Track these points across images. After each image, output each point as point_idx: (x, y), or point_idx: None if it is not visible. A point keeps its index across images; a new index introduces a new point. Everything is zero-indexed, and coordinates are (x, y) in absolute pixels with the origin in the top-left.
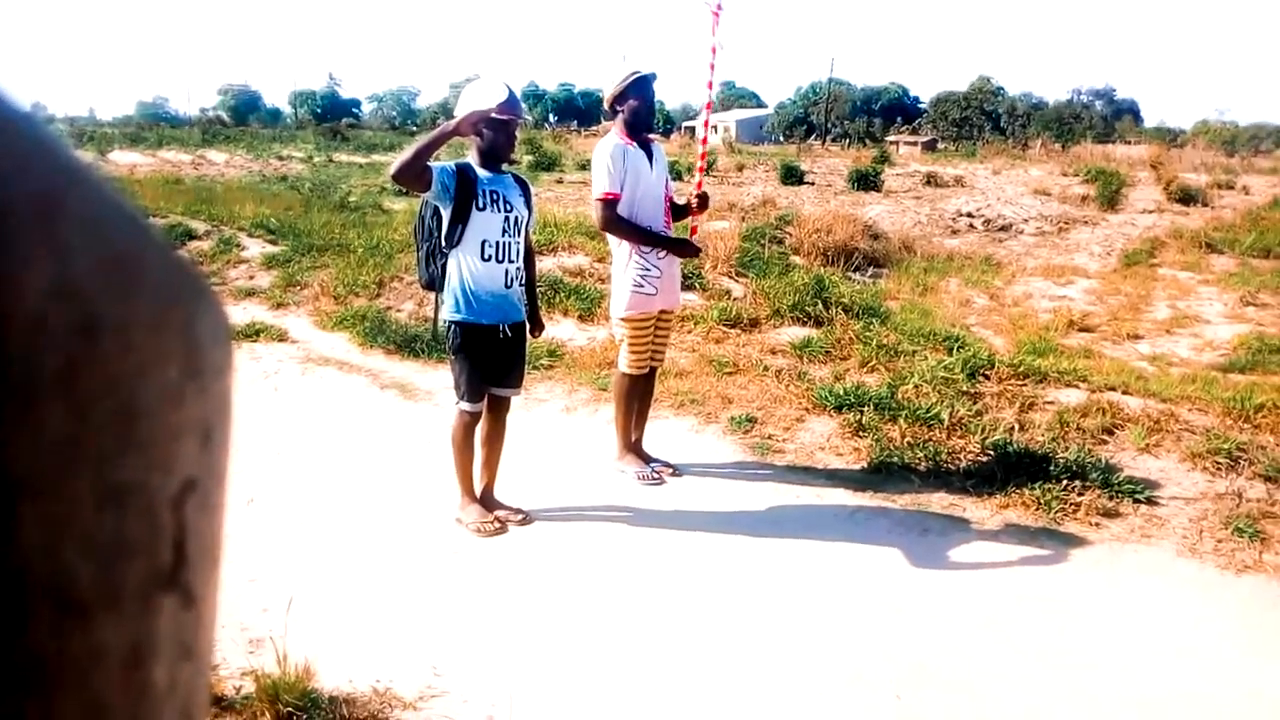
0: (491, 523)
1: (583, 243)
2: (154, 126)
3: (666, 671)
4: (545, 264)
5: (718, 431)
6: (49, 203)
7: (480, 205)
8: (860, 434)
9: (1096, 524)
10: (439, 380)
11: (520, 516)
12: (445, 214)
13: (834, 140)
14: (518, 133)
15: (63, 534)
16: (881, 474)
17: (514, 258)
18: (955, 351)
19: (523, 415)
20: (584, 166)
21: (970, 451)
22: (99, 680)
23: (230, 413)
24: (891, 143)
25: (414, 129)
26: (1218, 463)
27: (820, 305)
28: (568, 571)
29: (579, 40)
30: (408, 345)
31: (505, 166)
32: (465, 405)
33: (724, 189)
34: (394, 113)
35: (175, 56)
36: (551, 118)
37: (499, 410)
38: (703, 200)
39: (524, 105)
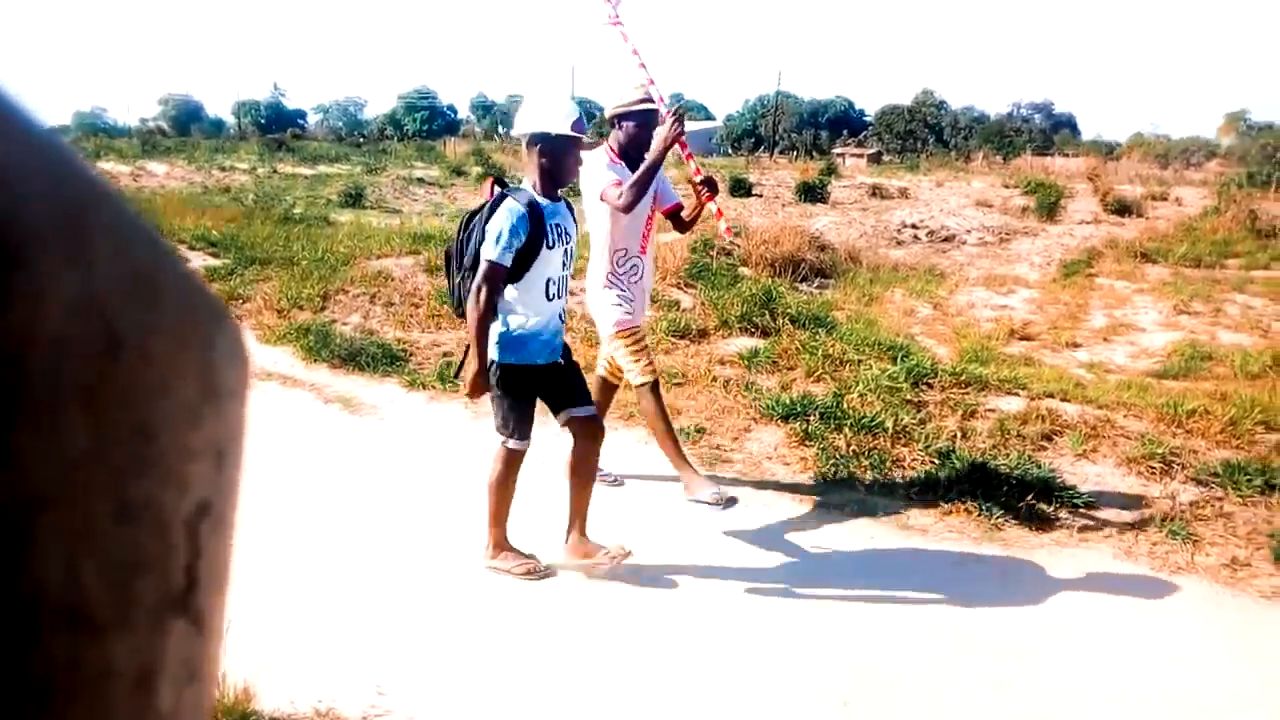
0: (535, 567)
1: None
2: (91, 137)
3: (602, 682)
4: None
5: None
6: (74, 222)
7: (550, 243)
8: (807, 443)
9: (1037, 529)
10: (384, 394)
11: (625, 552)
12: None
13: (782, 152)
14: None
15: (79, 550)
16: (827, 482)
17: (566, 292)
18: (899, 361)
19: (469, 427)
20: None
21: (914, 459)
22: (108, 699)
23: (244, 435)
24: (838, 155)
25: (361, 139)
26: (1152, 467)
27: (768, 316)
28: (509, 585)
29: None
30: (353, 359)
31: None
32: (514, 443)
33: None
34: (340, 123)
35: (114, 65)
36: (501, 129)
37: (590, 435)
38: (709, 183)
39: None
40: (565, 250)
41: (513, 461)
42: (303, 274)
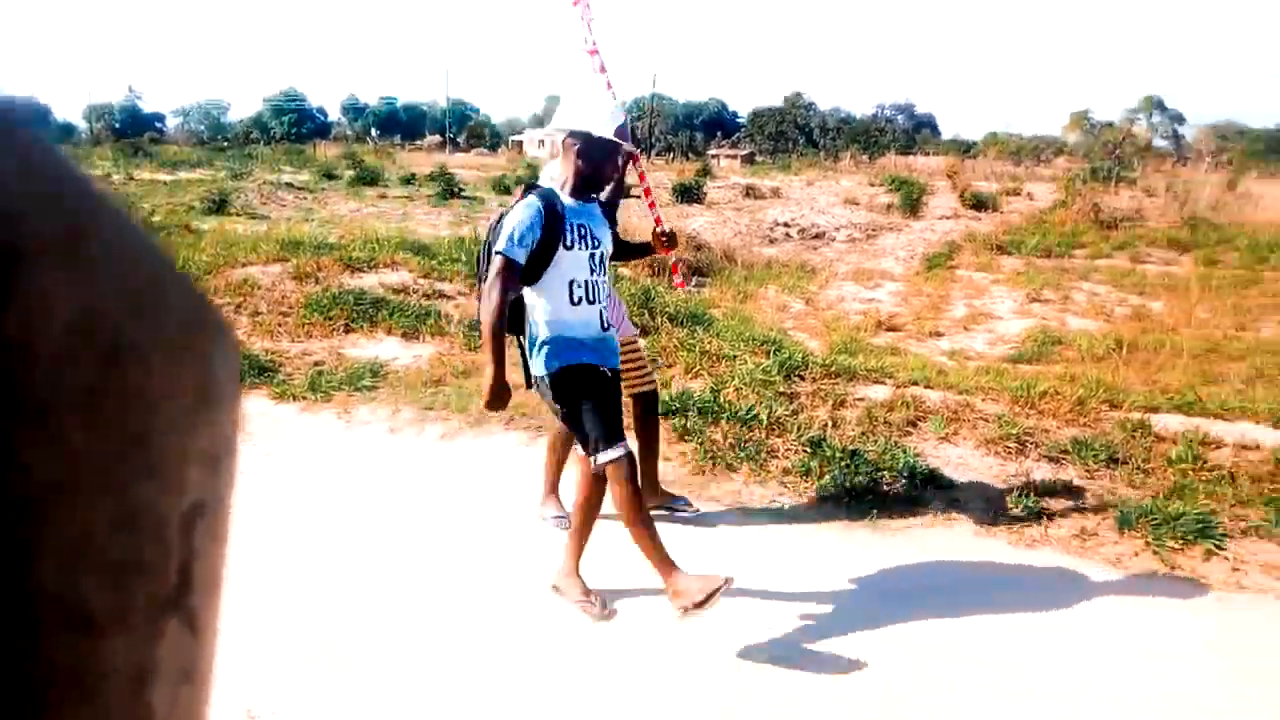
0: (592, 610)
1: (406, 259)
2: None
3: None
4: (366, 281)
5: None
6: (75, 231)
7: (568, 243)
8: (685, 438)
9: (904, 511)
10: (253, 407)
11: (728, 580)
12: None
13: (658, 154)
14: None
15: (78, 553)
16: (705, 475)
17: (603, 298)
18: (773, 354)
19: (344, 437)
20: (408, 181)
21: (788, 449)
22: (105, 700)
23: (237, 443)
24: (713, 156)
25: (225, 144)
26: (1008, 447)
27: (647, 315)
28: (398, 591)
29: (400, 52)
30: None
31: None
32: (609, 454)
33: None
34: (202, 127)
35: None
36: (374, 131)
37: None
38: (670, 237)
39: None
40: (592, 254)
41: (627, 475)
42: None
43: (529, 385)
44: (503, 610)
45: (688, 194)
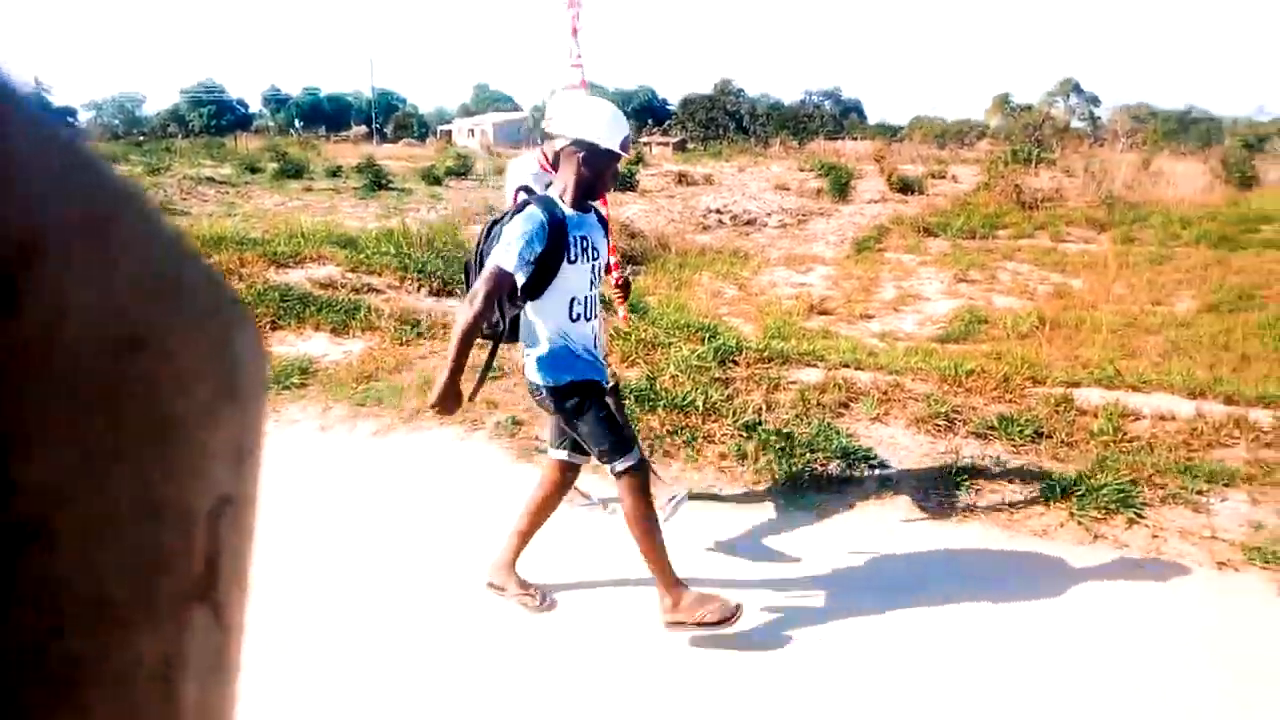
0: (541, 600)
1: (333, 253)
2: None
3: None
4: (293, 276)
5: (484, 437)
6: (96, 221)
7: (571, 257)
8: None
9: (838, 491)
10: None
11: (738, 607)
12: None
13: None
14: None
15: (101, 545)
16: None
17: (596, 313)
18: (708, 341)
19: (273, 436)
20: (334, 173)
21: (724, 434)
22: (132, 690)
23: (263, 433)
24: (644, 144)
25: (141, 138)
26: (937, 425)
27: None
28: (330, 591)
29: (323, 41)
30: None
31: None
32: (623, 462)
33: (483, 193)
34: (116, 121)
35: None
36: (297, 123)
37: (559, 483)
38: (625, 286)
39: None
40: (592, 266)
41: (638, 485)
42: None
43: (472, 399)
44: (441, 608)
45: (620, 181)
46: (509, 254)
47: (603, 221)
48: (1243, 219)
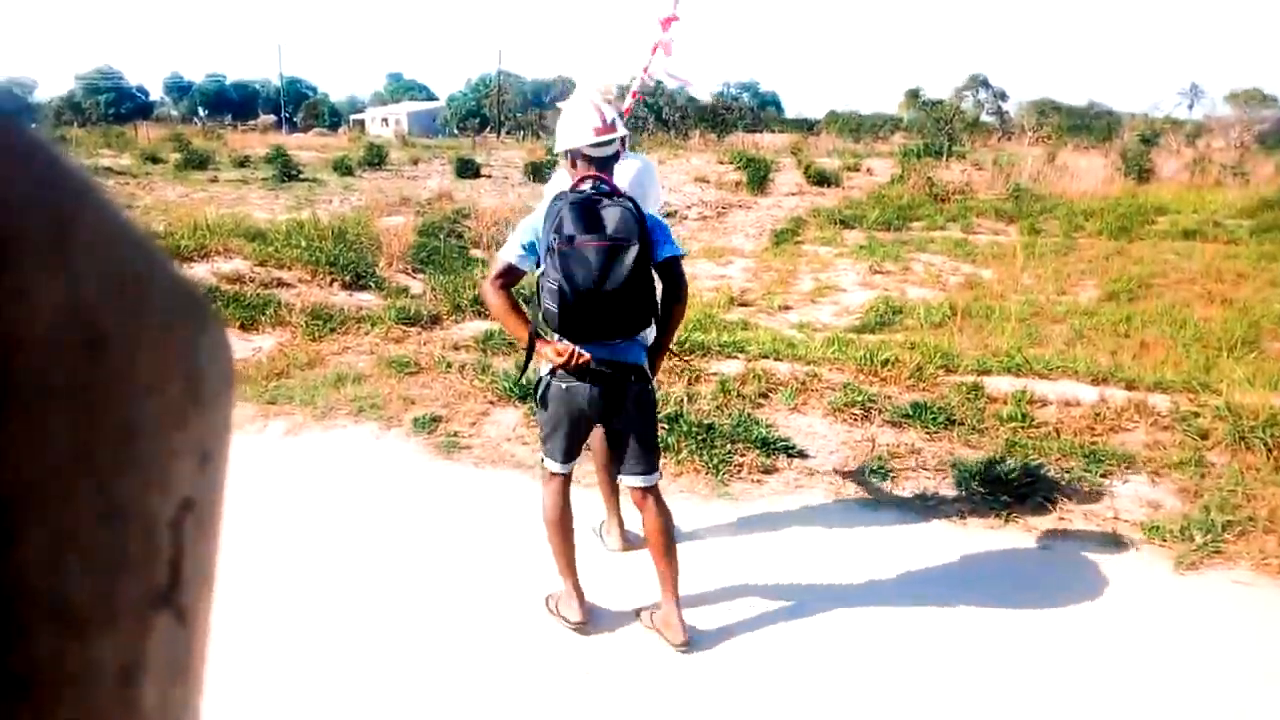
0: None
1: (240, 246)
2: None
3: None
4: (197, 271)
5: (400, 435)
6: (60, 222)
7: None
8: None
9: (758, 480)
10: None
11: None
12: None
13: (508, 133)
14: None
15: (63, 547)
16: None
17: None
18: None
19: None
20: (242, 164)
21: None
22: (92, 696)
23: (228, 436)
24: None
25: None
26: (854, 414)
27: None
28: (240, 598)
29: (227, 27)
30: None
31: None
32: (555, 467)
33: (398, 183)
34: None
35: None
36: (201, 111)
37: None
38: None
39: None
40: None
41: (551, 487)
42: None
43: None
44: (358, 610)
45: (540, 173)
46: (507, 244)
47: (594, 206)
48: (1140, 210)
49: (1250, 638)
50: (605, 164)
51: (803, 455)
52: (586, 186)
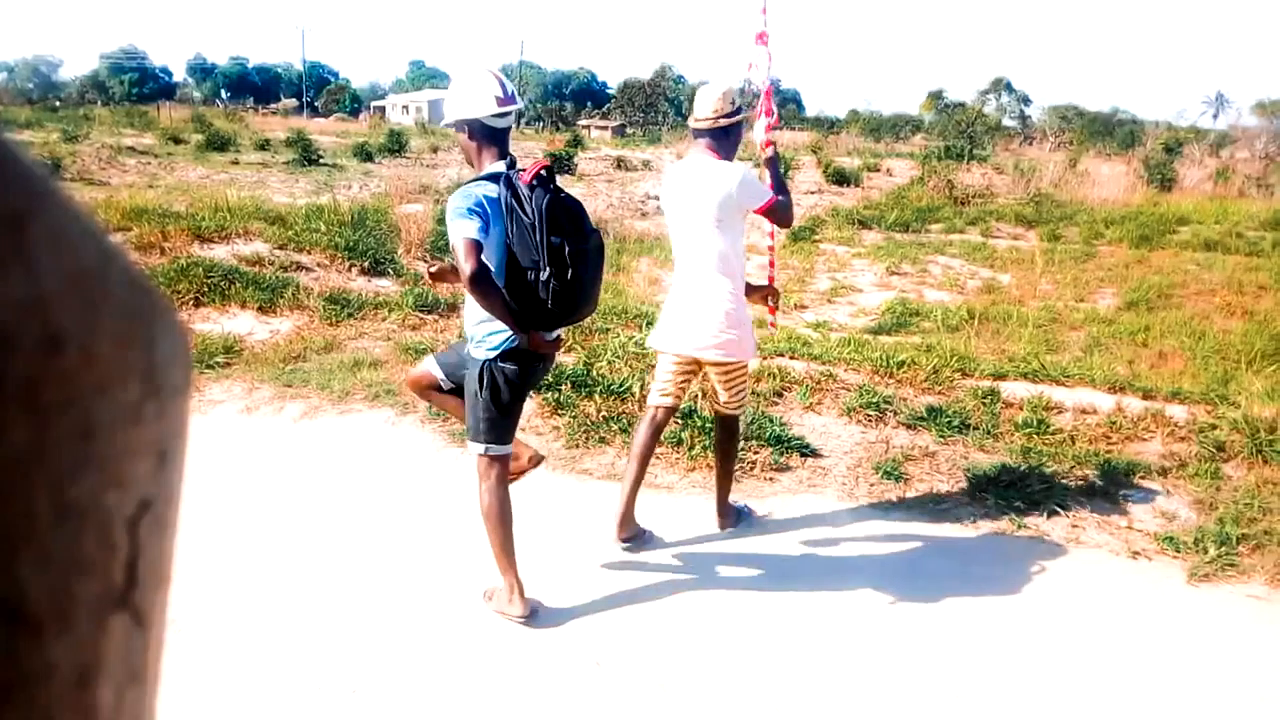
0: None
1: (260, 228)
2: None
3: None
4: (218, 252)
5: (416, 421)
6: (18, 218)
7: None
8: (559, 411)
9: (771, 478)
10: None
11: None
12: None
13: (528, 123)
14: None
15: (18, 547)
16: (580, 448)
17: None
18: (645, 327)
19: (195, 418)
20: (262, 147)
21: None
22: (47, 698)
23: (186, 434)
24: (583, 127)
25: (57, 103)
26: (869, 415)
27: None
28: (255, 579)
29: (251, 10)
30: None
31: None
32: (494, 449)
33: (418, 171)
34: (30, 85)
35: None
36: (224, 93)
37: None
38: (775, 294)
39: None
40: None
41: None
42: None
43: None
44: (368, 596)
45: (559, 165)
46: (460, 225)
47: (572, 202)
48: (1162, 220)
49: (1262, 652)
50: (505, 138)
51: (816, 454)
52: (509, 170)
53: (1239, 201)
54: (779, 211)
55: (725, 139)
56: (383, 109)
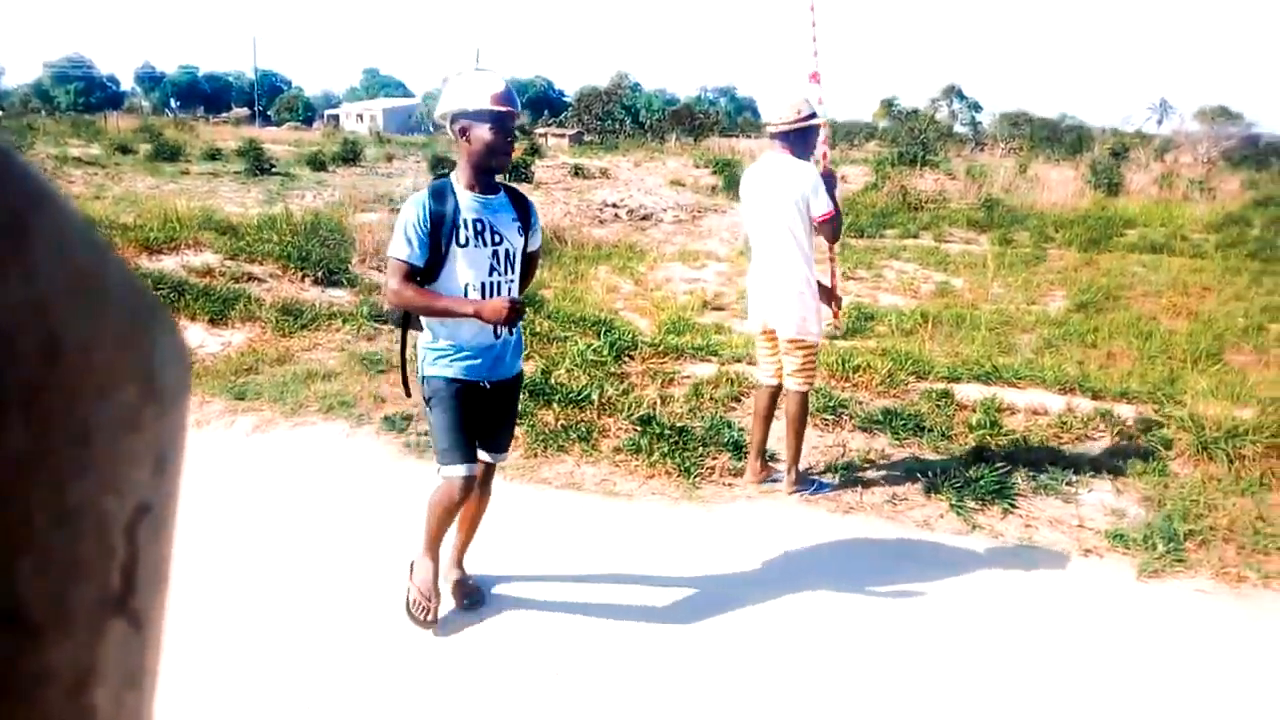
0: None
1: (211, 239)
2: None
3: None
4: (167, 264)
5: (371, 433)
6: (18, 223)
7: (461, 240)
8: (517, 421)
9: (729, 484)
10: None
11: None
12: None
13: None
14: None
15: (17, 551)
16: (537, 457)
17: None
18: (604, 335)
19: None
20: (212, 156)
21: (619, 428)
22: (45, 702)
23: (184, 439)
24: (540, 135)
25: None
26: (826, 419)
27: None
28: (204, 598)
29: (200, 17)
30: None
31: (499, 178)
32: (449, 470)
33: (372, 180)
34: None
35: None
36: (173, 102)
37: (466, 488)
38: (838, 303)
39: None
40: (494, 253)
41: (447, 490)
42: None
43: (408, 393)
44: (322, 610)
45: (516, 173)
46: (397, 242)
47: (521, 206)
48: (1109, 223)
49: (1210, 646)
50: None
51: (774, 459)
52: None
53: (1183, 205)
54: (834, 225)
55: (801, 141)
56: (336, 118)
